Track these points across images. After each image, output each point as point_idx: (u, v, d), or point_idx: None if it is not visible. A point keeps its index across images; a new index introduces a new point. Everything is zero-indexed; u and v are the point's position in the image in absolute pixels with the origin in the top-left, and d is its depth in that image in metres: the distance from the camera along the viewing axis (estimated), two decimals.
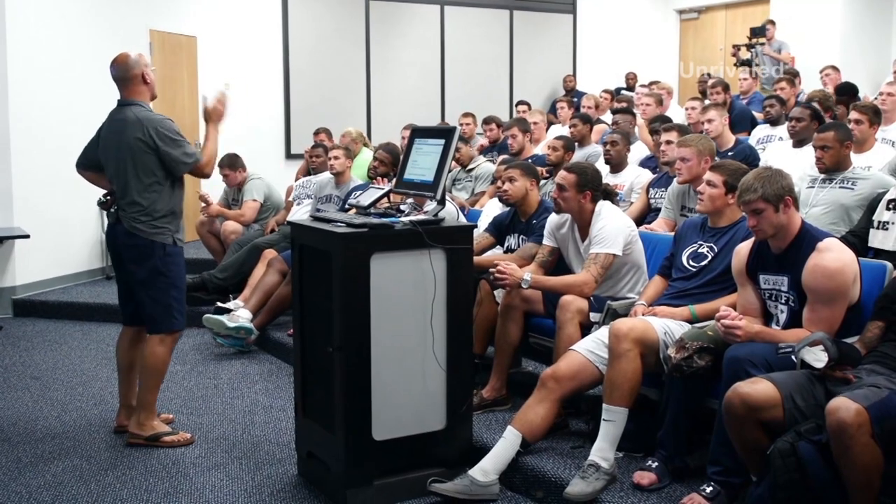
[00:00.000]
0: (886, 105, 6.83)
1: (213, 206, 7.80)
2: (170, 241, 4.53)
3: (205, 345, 6.72)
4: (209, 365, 6.25)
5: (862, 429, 2.92)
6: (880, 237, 4.46)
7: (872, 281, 3.73)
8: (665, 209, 5.52)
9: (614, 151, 6.40)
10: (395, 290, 3.86)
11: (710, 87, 8.80)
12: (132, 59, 4.52)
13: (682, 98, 12.00)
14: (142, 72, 4.52)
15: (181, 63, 9.99)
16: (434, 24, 12.59)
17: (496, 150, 8.92)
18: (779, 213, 3.59)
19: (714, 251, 4.17)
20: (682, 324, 3.98)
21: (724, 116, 6.62)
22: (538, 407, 3.96)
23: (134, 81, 4.53)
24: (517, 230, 5.25)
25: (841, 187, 4.95)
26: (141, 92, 4.55)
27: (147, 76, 4.54)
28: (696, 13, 14.52)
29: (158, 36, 9.48)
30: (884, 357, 3.33)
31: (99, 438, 4.83)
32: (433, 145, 4.15)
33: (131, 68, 4.51)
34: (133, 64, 4.51)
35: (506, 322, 4.68)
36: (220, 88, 4.78)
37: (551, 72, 13.56)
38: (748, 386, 3.24)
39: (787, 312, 3.69)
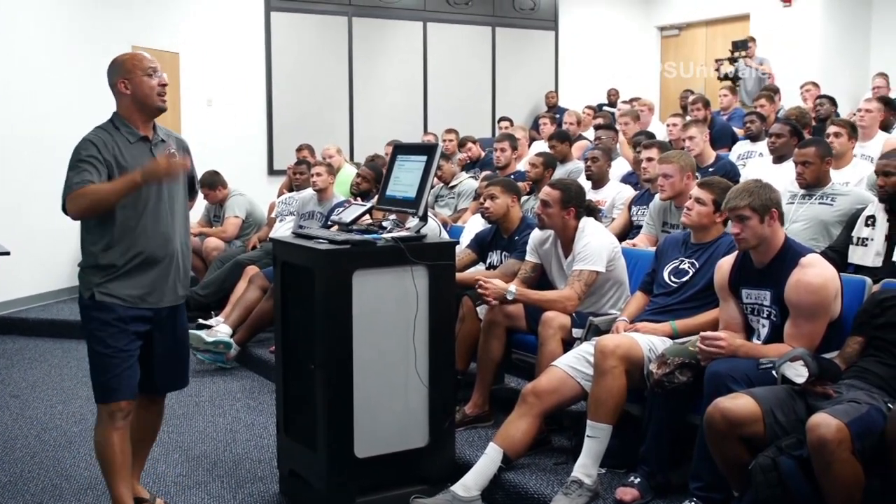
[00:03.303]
0: (865, 121, 6.89)
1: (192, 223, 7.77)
2: (87, 295, 3.63)
3: None
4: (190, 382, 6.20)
5: (842, 445, 2.93)
6: (860, 253, 4.49)
7: (852, 296, 3.76)
8: (647, 225, 5.54)
9: (595, 168, 6.43)
10: (378, 306, 3.85)
11: (691, 104, 8.85)
12: (111, 67, 3.71)
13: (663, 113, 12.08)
14: (115, 81, 3.65)
15: None
16: (417, 40, 12.62)
17: (478, 167, 8.94)
18: (764, 224, 3.62)
19: (695, 267, 4.19)
20: (666, 340, 3.99)
21: (704, 133, 6.66)
22: (519, 422, 3.96)
23: (113, 92, 3.70)
24: (499, 246, 5.26)
25: (820, 203, 4.98)
26: (119, 104, 3.69)
27: (123, 85, 3.63)
28: (676, 30, 14.62)
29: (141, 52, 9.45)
30: (863, 372, 3.36)
31: (79, 457, 4.79)
32: (415, 162, 4.15)
33: (110, 76, 3.70)
34: (111, 72, 3.70)
35: (488, 338, 4.68)
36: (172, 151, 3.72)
37: (533, 88, 13.61)
38: (729, 401, 3.25)
39: (768, 327, 3.71)
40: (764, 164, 6.44)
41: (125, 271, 3.59)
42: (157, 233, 3.64)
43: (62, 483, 4.45)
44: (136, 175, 3.46)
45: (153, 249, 3.64)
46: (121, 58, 3.71)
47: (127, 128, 3.64)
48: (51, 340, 7.55)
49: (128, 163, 3.56)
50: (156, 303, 3.69)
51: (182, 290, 3.82)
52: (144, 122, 3.68)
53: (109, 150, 3.55)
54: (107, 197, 3.47)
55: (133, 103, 3.65)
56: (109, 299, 3.60)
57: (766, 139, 6.60)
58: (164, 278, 3.69)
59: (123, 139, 3.61)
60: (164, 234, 3.67)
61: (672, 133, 7.75)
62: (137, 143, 3.64)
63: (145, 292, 3.65)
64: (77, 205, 3.47)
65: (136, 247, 3.60)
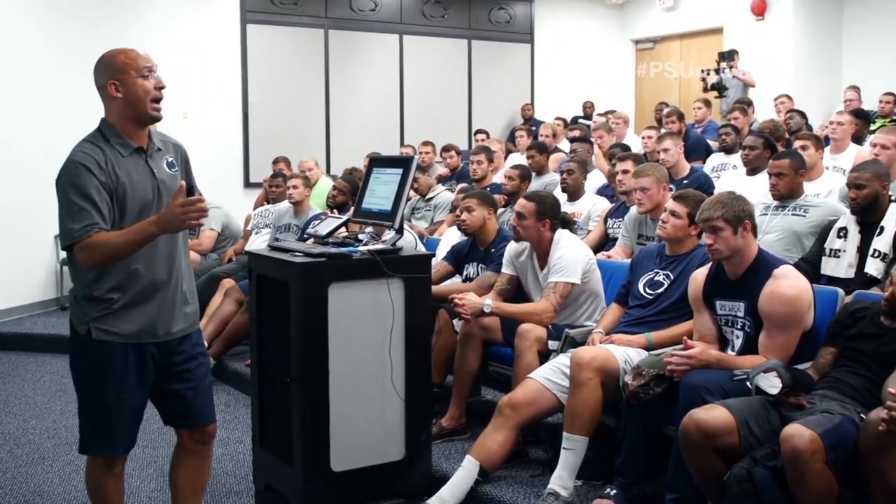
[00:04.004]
0: (837, 134, 6.97)
1: None
2: (82, 330, 3.12)
3: None
4: None
5: (816, 455, 2.96)
6: (832, 265, 4.53)
7: (825, 307, 3.80)
8: (622, 237, 5.57)
9: (571, 180, 6.46)
10: (354, 319, 3.84)
11: (666, 117, 8.92)
12: (100, 65, 3.17)
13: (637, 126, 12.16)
14: (104, 82, 3.12)
15: None
16: (393, 53, 12.64)
17: (455, 179, 8.96)
18: (737, 235, 3.66)
19: (670, 279, 4.21)
20: (641, 351, 4.01)
21: (679, 145, 6.71)
22: (496, 435, 3.96)
23: (101, 95, 3.18)
24: (476, 259, 5.26)
25: (793, 214, 5.02)
26: (109, 109, 3.17)
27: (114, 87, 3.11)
28: (651, 43, 14.72)
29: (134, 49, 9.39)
30: (836, 383, 3.39)
31: (52, 473, 4.74)
32: (391, 175, 4.16)
33: (97, 76, 3.16)
34: (99, 71, 3.16)
35: (465, 351, 4.68)
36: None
37: (510, 101, 13.66)
38: (704, 413, 3.27)
39: (742, 338, 3.74)
40: (738, 177, 6.50)
41: (125, 302, 3.10)
42: (159, 254, 3.16)
43: (35, 499, 4.40)
44: (150, 227, 2.99)
45: (155, 273, 3.16)
46: (111, 54, 3.14)
47: (119, 138, 3.11)
48: (24, 354, 7.47)
49: (123, 180, 3.07)
50: (164, 335, 3.20)
51: (192, 317, 3.35)
52: (138, 131, 3.16)
53: (104, 168, 3.03)
54: (121, 251, 3.00)
55: (125, 109, 3.11)
56: (109, 337, 3.09)
57: (739, 151, 6.65)
58: (171, 304, 3.22)
59: (115, 152, 3.09)
60: (167, 255, 3.20)
61: (647, 145, 7.80)
62: (131, 156, 3.12)
63: (150, 324, 3.16)
64: (88, 259, 3.00)
65: (136, 272, 3.11)
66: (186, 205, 2.97)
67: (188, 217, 2.97)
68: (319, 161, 9.87)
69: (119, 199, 3.05)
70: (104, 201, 3.01)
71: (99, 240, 2.96)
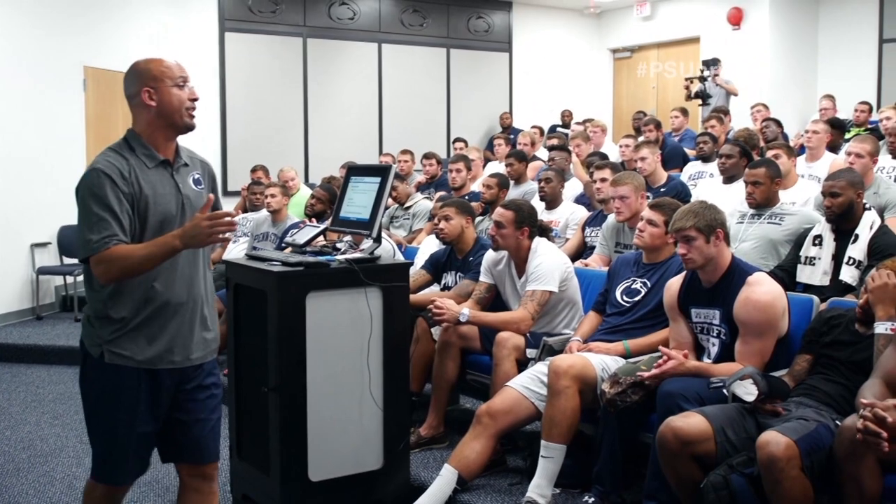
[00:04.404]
0: (812, 142, 7.03)
1: None
2: (95, 353, 2.93)
3: None
4: None
5: (792, 462, 2.97)
6: (807, 272, 4.57)
7: (800, 314, 3.83)
8: (600, 245, 5.59)
9: (548, 188, 6.47)
10: (331, 328, 3.84)
11: (644, 125, 8.96)
12: (132, 74, 3.03)
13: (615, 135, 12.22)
14: (137, 90, 2.98)
15: (116, 100, 9.84)
16: (372, 61, 12.66)
17: (433, 188, 8.96)
18: (710, 244, 3.69)
19: (647, 286, 4.23)
20: (618, 359, 4.03)
21: (656, 153, 6.75)
22: (474, 443, 3.96)
23: (131, 104, 3.03)
24: (454, 267, 5.27)
25: (769, 222, 5.06)
26: (138, 119, 3.02)
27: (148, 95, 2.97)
28: (628, 52, 14.81)
29: (93, 72, 9.37)
30: (812, 390, 3.41)
31: (27, 484, 4.70)
32: (369, 183, 4.16)
33: (129, 84, 3.02)
34: (132, 79, 3.02)
35: (443, 359, 4.68)
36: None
37: (488, 109, 13.70)
38: (681, 420, 3.29)
39: (718, 345, 3.76)
40: (714, 185, 6.54)
41: (140, 323, 2.92)
42: (179, 272, 2.99)
43: None
44: (174, 241, 2.83)
45: (174, 293, 2.97)
46: (145, 62, 3.03)
47: (145, 149, 2.97)
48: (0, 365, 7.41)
49: (146, 192, 2.91)
50: (182, 360, 3.00)
51: (213, 344, 3.15)
52: (167, 143, 3.03)
53: (127, 178, 2.87)
54: (140, 265, 2.82)
55: (157, 119, 2.98)
56: (124, 362, 2.90)
57: (716, 160, 6.69)
58: (190, 328, 3.02)
59: (140, 163, 2.93)
60: (187, 274, 3.02)
61: (624, 154, 7.83)
62: (157, 168, 2.97)
63: (167, 348, 2.96)
64: (105, 273, 2.81)
65: (154, 291, 2.93)
66: (214, 218, 2.82)
67: (215, 231, 2.82)
68: (298, 169, 9.86)
69: (141, 211, 2.89)
70: (125, 212, 2.85)
71: (117, 252, 2.80)
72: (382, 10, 12.77)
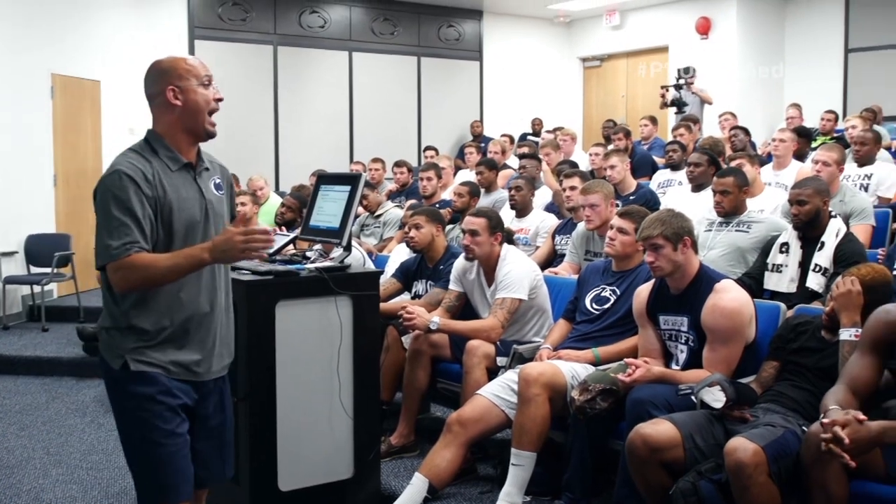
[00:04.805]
0: (779, 151, 7.11)
1: None
2: (116, 364, 2.74)
3: (106, 396, 6.52)
4: (110, 417, 5.95)
5: (759, 468, 2.99)
6: (774, 279, 4.61)
7: (767, 321, 3.86)
8: (570, 253, 5.61)
9: (519, 196, 6.49)
10: (301, 337, 3.82)
11: (613, 134, 9.01)
12: (155, 71, 2.85)
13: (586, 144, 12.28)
14: (161, 88, 2.80)
15: (84, 108, 9.82)
16: (342, 70, 12.65)
17: (404, 196, 8.97)
18: (677, 251, 3.71)
19: (617, 294, 4.25)
20: (588, 367, 4.04)
21: (625, 162, 6.79)
22: (444, 452, 3.96)
23: (153, 103, 2.86)
24: (424, 276, 5.27)
25: (737, 230, 5.10)
26: (159, 119, 2.85)
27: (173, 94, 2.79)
28: (598, 61, 14.91)
29: (61, 80, 9.30)
30: (779, 396, 3.44)
31: None
32: (339, 192, 4.15)
33: (151, 82, 2.85)
34: (154, 77, 2.84)
35: (413, 368, 4.68)
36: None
37: (459, 117, 13.74)
38: (650, 427, 3.30)
39: (686, 352, 3.78)
40: (683, 193, 6.59)
41: (166, 335, 2.76)
42: (203, 283, 2.84)
43: None
44: (202, 254, 2.67)
45: (199, 305, 2.82)
46: (169, 60, 2.84)
47: (168, 151, 2.80)
48: None
49: (170, 196, 2.74)
50: (204, 373, 2.86)
51: (227, 357, 2.99)
52: (189, 146, 2.86)
53: (151, 182, 2.70)
54: (164, 277, 2.66)
55: (181, 120, 2.80)
56: (150, 368, 2.73)
57: (685, 168, 6.74)
58: (213, 340, 2.88)
59: (163, 165, 2.77)
60: (212, 285, 2.87)
61: (594, 162, 7.87)
62: (180, 172, 2.81)
63: (192, 361, 2.81)
64: (123, 280, 2.64)
65: (180, 302, 2.77)
66: (250, 233, 2.67)
67: (249, 248, 2.68)
68: (268, 177, 9.83)
69: (165, 216, 2.72)
70: (147, 217, 2.68)
71: (140, 260, 2.63)
72: (353, 19, 12.77)
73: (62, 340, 7.75)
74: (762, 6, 12.94)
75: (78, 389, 6.73)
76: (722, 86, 12.12)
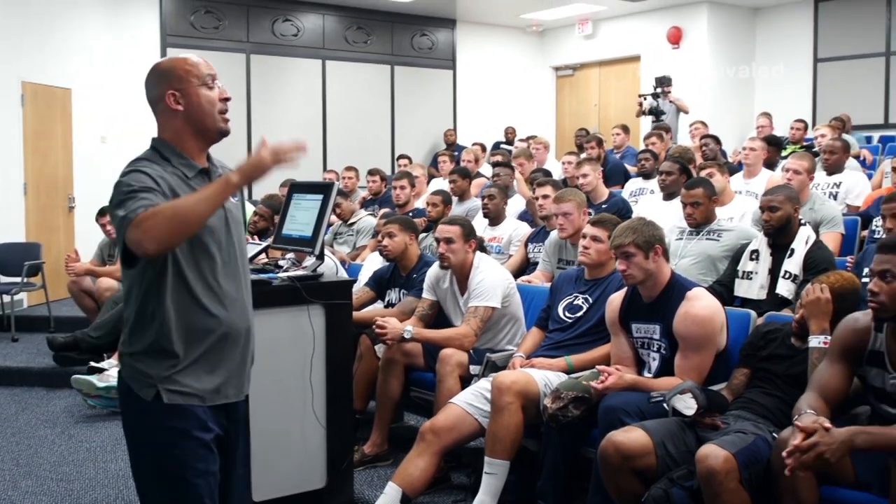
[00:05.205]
0: (749, 159, 7.16)
1: (78, 264, 7.49)
2: (148, 395, 2.48)
3: (77, 406, 6.47)
4: (81, 428, 6.02)
5: (730, 475, 3.01)
6: (745, 286, 4.65)
7: (738, 329, 3.89)
8: (543, 262, 5.63)
9: (492, 205, 6.51)
10: (274, 346, 3.80)
11: (586, 142, 9.05)
12: (154, 75, 2.65)
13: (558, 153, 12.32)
14: (161, 93, 2.60)
15: (55, 116, 9.73)
16: (316, 78, 12.63)
17: (378, 204, 8.96)
18: (648, 260, 3.74)
19: (589, 302, 4.27)
20: (561, 375, 4.05)
21: (598, 170, 6.82)
22: (418, 460, 3.95)
23: (156, 109, 2.66)
24: (398, 284, 5.27)
25: (707, 239, 5.14)
26: (165, 126, 2.65)
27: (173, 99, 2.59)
28: (571, 70, 14.98)
29: (31, 88, 9.22)
30: (750, 403, 3.47)
31: None
32: (311, 201, 4.15)
33: (151, 87, 2.65)
34: (154, 81, 2.64)
35: (387, 376, 4.67)
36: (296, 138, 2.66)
37: (432, 126, 13.75)
38: (622, 434, 3.32)
39: (658, 360, 3.81)
40: (655, 201, 6.63)
41: (200, 355, 2.52)
42: (235, 296, 2.61)
43: None
44: (229, 176, 2.43)
45: (234, 320, 2.59)
46: (168, 62, 2.65)
47: (181, 158, 2.59)
48: None
49: None
50: (235, 395, 2.64)
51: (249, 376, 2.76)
52: (200, 151, 2.65)
53: (163, 187, 2.47)
54: (193, 209, 2.35)
55: (186, 124, 2.60)
56: (185, 400, 2.48)
57: (657, 176, 6.78)
58: (242, 359, 2.66)
59: (177, 174, 2.55)
60: (243, 300, 2.66)
61: (567, 171, 7.90)
62: (196, 178, 2.58)
63: (222, 381, 2.57)
64: (149, 231, 2.29)
65: (215, 319, 2.53)
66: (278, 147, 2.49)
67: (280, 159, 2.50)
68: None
69: None
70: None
71: (159, 207, 2.33)
72: (326, 27, 12.76)
73: (32, 350, 7.68)
74: (733, 16, 13.07)
75: (48, 400, 6.66)
76: (693, 95, 12.21)
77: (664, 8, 13.08)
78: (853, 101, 11.93)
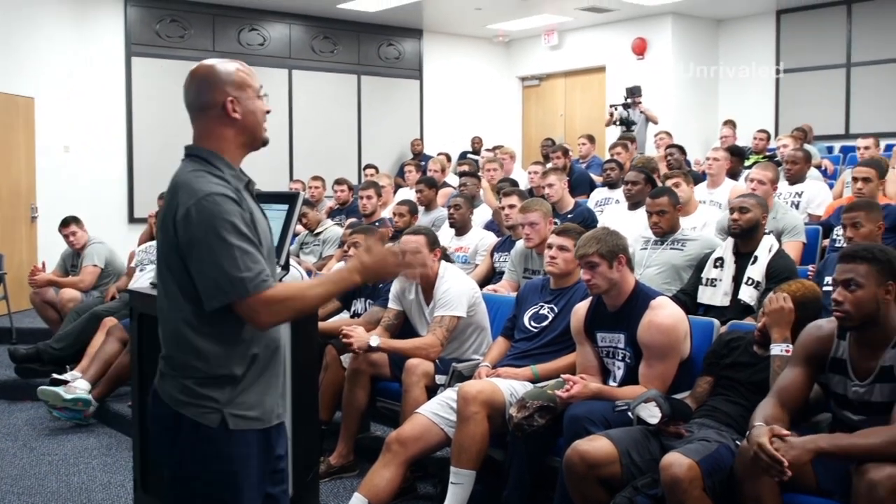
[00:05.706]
0: (713, 169, 7.23)
1: (41, 274, 7.41)
2: (212, 422, 2.32)
3: (39, 419, 6.40)
4: (43, 440, 5.95)
5: (694, 483, 3.04)
6: (709, 293, 4.69)
7: (701, 337, 3.93)
8: (509, 271, 5.65)
9: (458, 215, 6.53)
10: None
11: (552, 152, 9.09)
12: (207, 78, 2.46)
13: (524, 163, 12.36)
14: (220, 99, 2.43)
15: (17, 125, 9.63)
16: (282, 87, 12.59)
17: (344, 214, 8.95)
18: (612, 269, 3.77)
19: (555, 312, 4.29)
20: (527, 384, 4.06)
21: (563, 180, 6.86)
22: (384, 471, 3.95)
23: (205, 115, 2.48)
24: (363, 294, 5.26)
25: (672, 248, 5.18)
26: (212, 133, 2.46)
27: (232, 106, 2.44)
28: (537, 80, 15.05)
29: None
30: (713, 411, 3.50)
31: None
32: (277, 210, 4.13)
33: (204, 92, 2.46)
34: (208, 85, 2.45)
35: (353, 387, 4.66)
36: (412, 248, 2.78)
37: (399, 136, 13.76)
38: (587, 443, 3.34)
39: (623, 369, 3.83)
40: (620, 211, 6.66)
41: (257, 374, 2.39)
42: None
43: None
44: (352, 276, 2.41)
45: (280, 336, 2.50)
46: (224, 67, 2.47)
47: (232, 170, 2.44)
48: None
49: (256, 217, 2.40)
50: (282, 413, 2.53)
51: None
52: (240, 161, 2.52)
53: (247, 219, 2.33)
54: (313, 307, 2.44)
55: (239, 134, 2.47)
56: (248, 424, 2.36)
57: (622, 186, 6.83)
58: (282, 376, 2.55)
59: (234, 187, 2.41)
60: None
61: (533, 180, 7.94)
62: (245, 190, 2.45)
63: (274, 401, 2.46)
64: (278, 314, 2.31)
65: (270, 336, 2.42)
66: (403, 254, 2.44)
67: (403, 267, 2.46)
68: None
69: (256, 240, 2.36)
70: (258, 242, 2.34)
71: (286, 292, 2.31)
72: (293, 37, 12.74)
73: None
74: (696, 28, 13.20)
75: (10, 413, 6.57)
76: (658, 104, 12.32)
77: (629, 19, 13.19)
78: (815, 111, 12.08)
